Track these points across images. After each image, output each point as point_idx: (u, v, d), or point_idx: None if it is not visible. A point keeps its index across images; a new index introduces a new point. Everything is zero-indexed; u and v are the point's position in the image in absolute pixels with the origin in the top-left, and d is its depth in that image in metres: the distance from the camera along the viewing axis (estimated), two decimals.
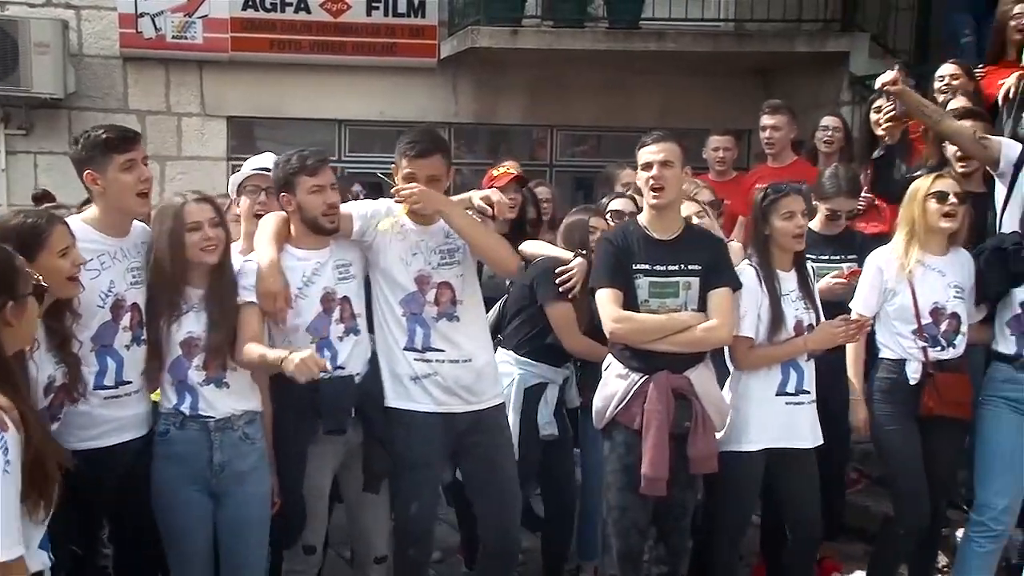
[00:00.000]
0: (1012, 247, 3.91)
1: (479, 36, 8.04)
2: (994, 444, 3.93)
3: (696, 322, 3.69)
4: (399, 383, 3.68)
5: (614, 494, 3.77)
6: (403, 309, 3.66)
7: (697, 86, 8.92)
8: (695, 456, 3.68)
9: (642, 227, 3.77)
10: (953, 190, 3.91)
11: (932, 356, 3.92)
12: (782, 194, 3.86)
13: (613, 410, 3.73)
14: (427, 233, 3.71)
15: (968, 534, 4.02)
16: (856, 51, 8.16)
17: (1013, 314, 3.92)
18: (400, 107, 8.97)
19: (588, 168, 8.99)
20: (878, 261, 4.01)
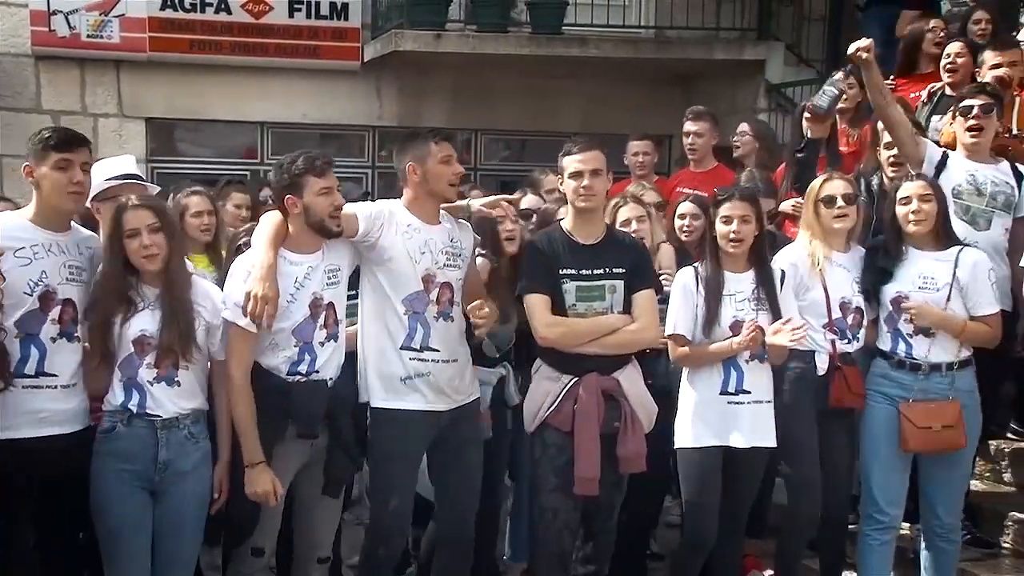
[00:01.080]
0: (880, 245, 4.11)
1: (402, 40, 8.05)
2: (876, 438, 4.07)
3: (623, 324, 3.77)
4: (389, 382, 3.69)
5: (546, 496, 3.81)
6: (406, 307, 3.67)
7: (619, 92, 9.06)
8: (625, 456, 3.75)
9: (566, 232, 3.83)
10: (840, 192, 4.06)
11: (840, 348, 4.06)
12: (725, 197, 3.96)
13: (544, 412, 3.77)
14: (434, 232, 3.76)
15: (861, 528, 4.17)
16: (772, 59, 8.41)
17: (887, 311, 4.08)
18: (323, 110, 8.93)
19: (513, 172, 9.06)
20: (791, 258, 4.12)
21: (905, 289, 4.02)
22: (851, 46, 4.44)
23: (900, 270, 4.04)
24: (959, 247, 4.05)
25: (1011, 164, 4.54)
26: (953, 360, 4.00)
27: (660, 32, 8.84)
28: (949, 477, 4.09)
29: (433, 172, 3.70)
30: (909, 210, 4.01)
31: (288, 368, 3.54)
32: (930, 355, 4.00)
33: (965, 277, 3.99)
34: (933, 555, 4.15)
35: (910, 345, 4.03)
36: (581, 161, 3.75)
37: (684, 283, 3.95)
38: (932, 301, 3.98)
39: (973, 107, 4.42)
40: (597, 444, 3.68)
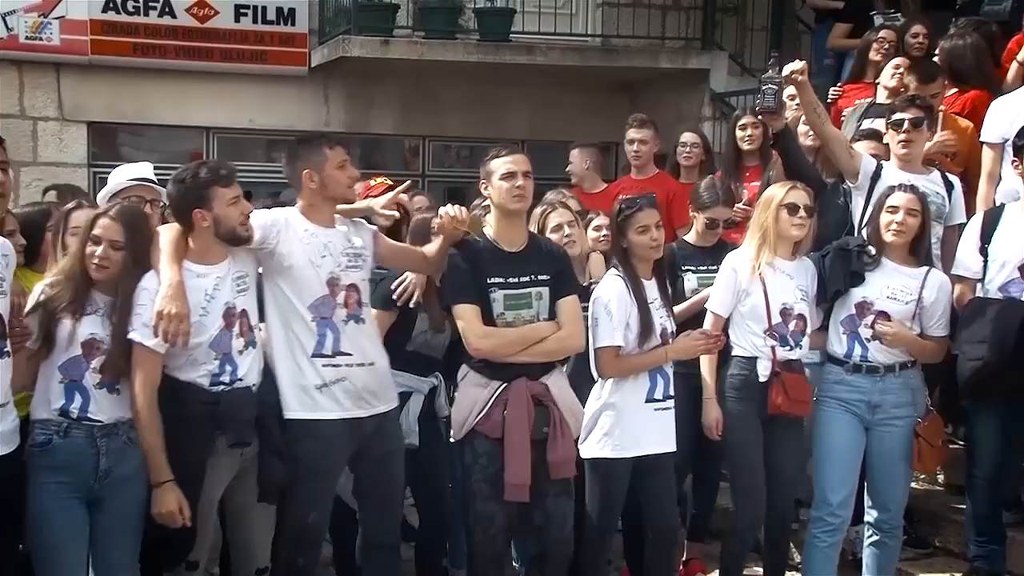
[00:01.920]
0: (855, 248, 4.18)
1: (350, 46, 8.03)
2: (828, 442, 4.17)
3: (552, 332, 3.78)
4: (304, 393, 3.64)
5: (480, 503, 3.78)
6: (313, 314, 3.62)
7: (566, 99, 9.13)
8: (555, 461, 3.74)
9: (491, 240, 3.83)
10: (804, 203, 4.14)
11: (780, 355, 4.12)
12: (636, 209, 3.97)
13: (473, 420, 3.75)
14: (332, 235, 3.72)
15: (810, 530, 4.26)
16: (716, 69, 8.53)
17: (848, 314, 4.16)
18: (270, 115, 8.86)
19: (461, 179, 9.09)
20: (733, 263, 4.19)
21: (872, 296, 4.11)
22: (785, 68, 4.56)
23: (871, 277, 4.13)
24: (928, 267, 4.16)
25: (942, 174, 4.67)
26: (903, 360, 4.13)
27: (606, 40, 8.92)
28: (900, 476, 4.20)
29: (331, 178, 3.67)
30: (893, 219, 4.09)
31: (210, 381, 3.49)
32: (885, 357, 4.11)
33: (930, 297, 4.10)
34: (877, 552, 4.25)
35: (866, 348, 4.12)
36: (513, 162, 3.75)
37: (619, 294, 3.93)
38: (900, 313, 4.09)
39: (904, 121, 4.54)
40: (527, 451, 3.68)
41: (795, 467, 4.28)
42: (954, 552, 4.67)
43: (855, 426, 4.15)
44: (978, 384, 4.08)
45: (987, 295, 4.17)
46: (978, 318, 4.07)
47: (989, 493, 4.26)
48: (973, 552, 4.35)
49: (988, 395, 4.11)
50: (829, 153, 4.66)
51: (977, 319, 4.08)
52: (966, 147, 5.08)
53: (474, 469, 3.79)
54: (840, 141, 4.67)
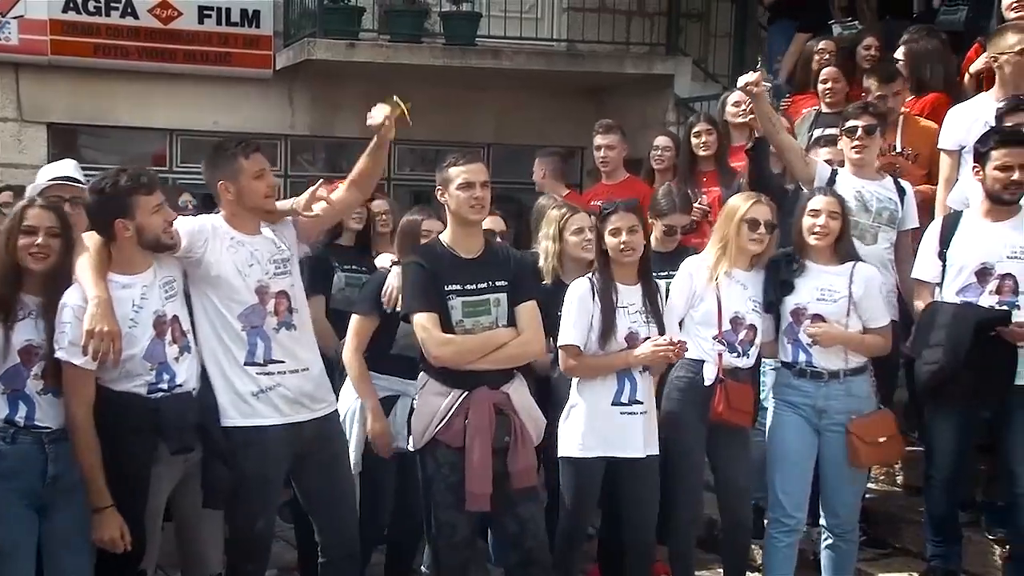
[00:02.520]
0: (782, 257, 4.24)
1: (315, 48, 8.01)
2: (780, 445, 4.21)
3: (511, 338, 3.78)
4: (241, 400, 3.59)
5: (442, 512, 3.77)
6: (243, 323, 3.57)
7: (532, 104, 9.16)
8: (516, 470, 3.74)
9: (447, 247, 3.81)
10: (764, 218, 4.17)
11: (727, 361, 4.16)
12: (611, 211, 4.03)
13: (434, 429, 3.73)
14: (258, 242, 3.65)
15: (767, 532, 4.30)
16: (680, 74, 8.62)
17: (787, 322, 4.22)
18: (234, 117, 8.80)
19: (426, 183, 9.06)
20: (690, 268, 4.24)
21: (804, 301, 4.16)
22: (740, 79, 4.62)
23: (800, 283, 4.18)
24: (853, 262, 4.21)
25: (894, 180, 4.74)
26: (847, 367, 4.16)
27: (572, 46, 8.97)
28: (849, 480, 4.23)
29: (247, 189, 3.58)
30: (815, 223, 4.14)
31: (147, 390, 3.43)
32: (828, 363, 4.15)
33: (860, 291, 4.15)
34: (832, 555, 4.28)
35: (809, 354, 4.17)
36: (471, 172, 3.74)
37: (580, 294, 4.00)
38: (832, 313, 4.13)
39: (857, 128, 4.60)
40: (489, 460, 3.67)
41: (747, 473, 4.31)
42: (912, 552, 4.73)
43: (806, 429, 4.20)
44: (935, 388, 4.14)
45: (945, 300, 4.23)
46: (934, 323, 4.14)
47: (946, 494, 4.32)
48: (930, 552, 4.41)
49: (945, 398, 4.17)
50: (785, 162, 4.74)
51: (933, 324, 4.14)
52: (928, 148, 5.14)
53: (436, 478, 3.77)
54: (795, 150, 4.74)
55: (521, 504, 3.79)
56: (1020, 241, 4.10)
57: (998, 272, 4.10)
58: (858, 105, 4.77)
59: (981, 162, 4.17)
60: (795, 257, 4.22)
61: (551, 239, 4.42)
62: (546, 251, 4.44)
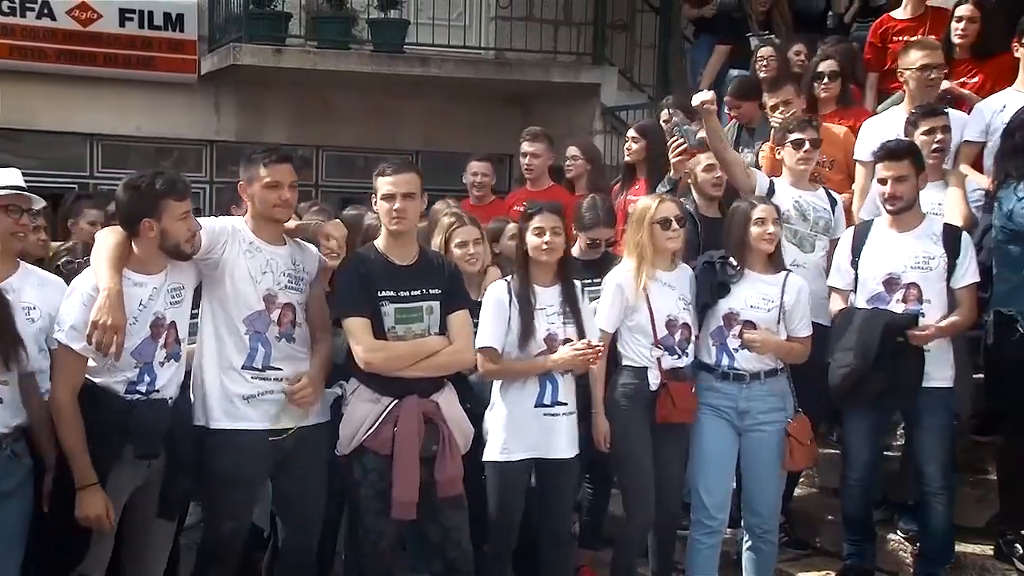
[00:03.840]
0: (719, 260, 4.34)
1: (241, 54, 7.93)
2: (702, 447, 4.31)
3: (443, 346, 3.81)
4: (230, 403, 3.62)
5: (370, 519, 3.77)
6: (247, 327, 3.63)
7: (460, 111, 9.20)
8: (443, 479, 3.75)
9: (382, 253, 3.83)
10: (674, 215, 4.27)
11: (668, 364, 4.24)
12: (535, 211, 4.08)
13: (362, 435, 3.73)
14: (277, 253, 3.72)
15: (691, 534, 4.38)
16: (606, 83, 8.75)
17: (716, 325, 4.31)
18: (158, 123, 8.68)
19: (355, 189, 9.04)
20: (617, 279, 4.28)
21: (737, 307, 4.25)
22: (695, 98, 4.76)
23: (736, 288, 4.27)
24: (786, 272, 4.33)
25: (826, 191, 4.88)
26: (769, 368, 4.27)
27: (500, 54, 9.03)
28: (770, 481, 4.34)
29: (258, 196, 3.68)
30: (764, 231, 4.23)
31: (126, 388, 3.45)
32: (750, 365, 4.26)
33: (790, 301, 4.26)
34: (754, 556, 4.38)
35: (733, 358, 4.27)
36: (393, 183, 3.76)
37: (497, 297, 4.03)
38: (764, 320, 4.24)
39: (804, 141, 4.72)
40: (416, 469, 3.69)
41: (680, 472, 4.40)
42: (830, 552, 4.85)
43: (727, 431, 4.29)
44: (847, 390, 4.28)
45: (857, 306, 4.38)
46: (846, 327, 4.28)
47: (861, 494, 4.47)
48: (846, 551, 4.55)
49: (856, 400, 4.31)
50: (729, 175, 4.83)
51: (845, 328, 4.28)
52: (842, 153, 5.28)
53: (363, 484, 3.78)
54: (739, 163, 4.85)
55: (446, 513, 3.81)
56: (923, 251, 4.27)
57: (904, 282, 4.26)
58: (802, 119, 4.88)
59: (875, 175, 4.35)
60: (730, 262, 4.31)
61: (439, 249, 4.42)
62: None
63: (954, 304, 4.30)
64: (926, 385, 4.23)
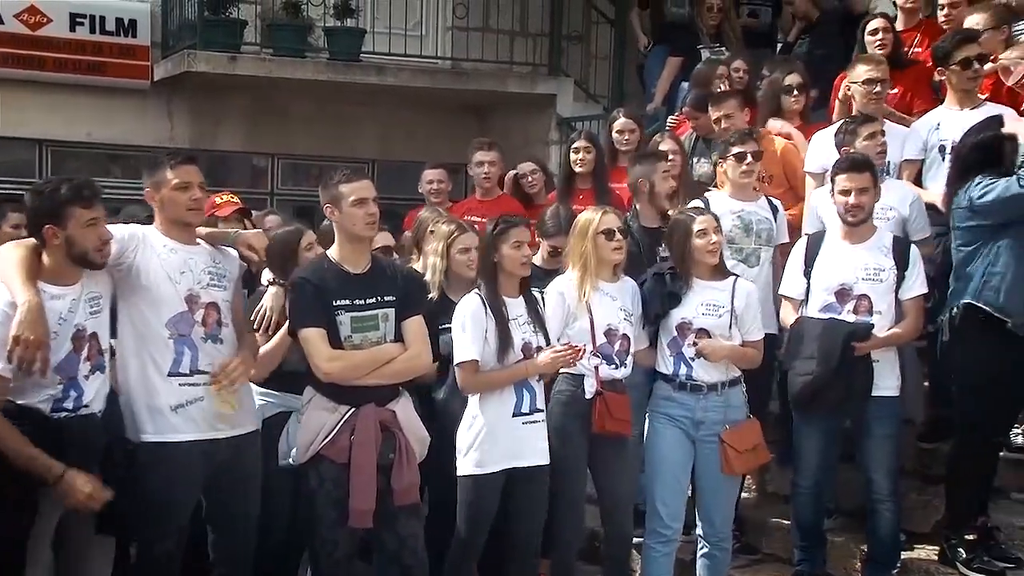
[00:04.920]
0: (668, 272, 4.40)
1: (195, 60, 7.87)
2: (658, 457, 4.36)
3: (399, 353, 3.81)
4: (158, 414, 3.55)
5: (325, 528, 3.76)
6: (171, 331, 3.56)
7: (416, 120, 9.20)
8: (399, 488, 3.75)
9: (335, 262, 3.82)
10: (617, 226, 4.33)
11: (605, 374, 4.28)
12: (512, 224, 4.12)
13: (319, 444, 3.72)
14: (194, 252, 3.67)
15: (645, 542, 4.42)
16: (562, 94, 8.81)
17: (671, 336, 4.36)
18: (109, 129, 8.56)
19: (310, 198, 8.99)
20: (560, 288, 4.32)
21: (690, 316, 4.31)
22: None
23: (685, 297, 4.33)
24: (734, 278, 4.40)
25: (767, 199, 4.96)
26: (726, 379, 4.33)
27: (456, 64, 9.05)
28: (724, 489, 4.40)
29: (168, 199, 3.61)
30: (708, 241, 4.29)
31: (52, 406, 3.35)
32: (708, 375, 4.31)
33: (740, 306, 4.33)
34: (708, 562, 4.43)
35: (691, 367, 4.32)
36: (364, 188, 3.77)
37: (472, 310, 4.04)
38: (716, 326, 4.29)
39: (747, 154, 4.79)
40: (373, 477, 3.68)
41: (627, 483, 4.43)
42: (781, 558, 4.93)
43: (682, 440, 4.34)
44: (808, 397, 4.36)
45: (810, 316, 4.45)
46: (805, 336, 4.36)
47: (812, 501, 4.55)
48: (797, 557, 4.63)
49: (816, 408, 4.39)
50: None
51: (804, 337, 4.36)
52: (779, 168, 5.38)
53: (319, 494, 3.76)
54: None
55: (402, 521, 3.81)
56: (874, 263, 4.36)
57: (855, 293, 4.35)
58: (744, 132, 4.96)
59: (833, 187, 4.43)
60: (677, 272, 4.36)
61: (439, 255, 4.47)
62: (433, 267, 4.48)
63: (902, 315, 4.39)
64: (874, 394, 4.32)
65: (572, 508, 4.32)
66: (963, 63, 4.90)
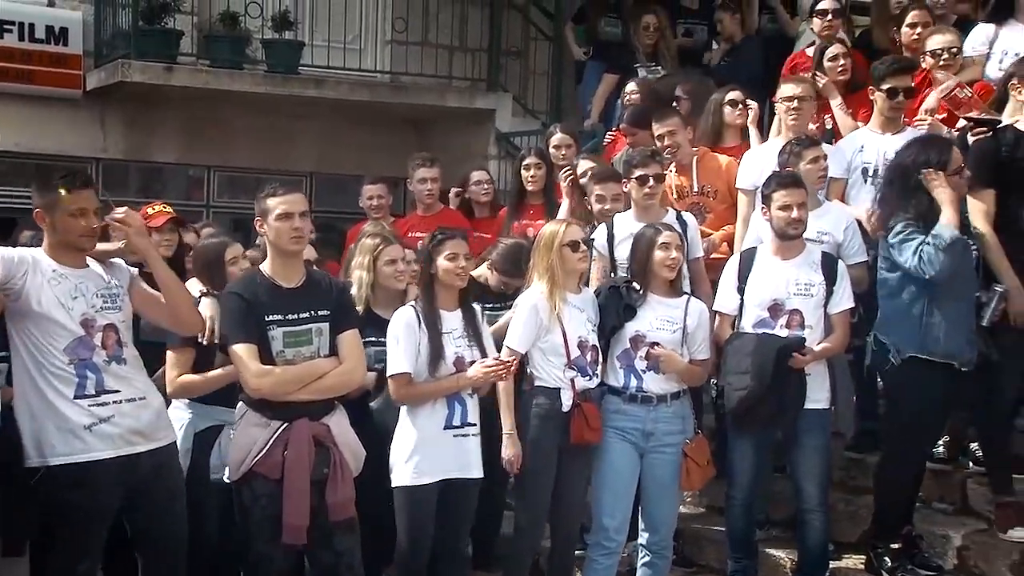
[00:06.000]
0: (624, 284, 4.45)
1: (130, 70, 7.74)
2: (605, 469, 4.41)
3: (332, 367, 3.79)
4: (71, 435, 3.48)
5: (260, 545, 3.73)
6: (70, 356, 3.49)
7: (355, 134, 9.16)
8: (334, 503, 3.74)
9: (267, 276, 3.80)
10: (581, 237, 4.40)
11: (581, 385, 4.32)
12: (448, 236, 4.15)
13: (251, 460, 3.70)
14: (85, 276, 3.59)
15: (588, 552, 4.47)
16: (501, 109, 8.86)
17: (623, 348, 4.43)
18: (39, 139, 8.35)
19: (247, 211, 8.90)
20: (532, 301, 4.34)
21: (644, 329, 4.37)
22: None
23: (641, 311, 4.40)
24: (687, 296, 4.48)
25: (677, 215, 4.95)
26: (675, 390, 4.41)
27: (395, 77, 9.05)
28: (669, 500, 4.49)
29: (62, 225, 3.53)
30: (668, 256, 4.36)
31: None
32: (657, 387, 4.38)
33: (693, 324, 4.41)
34: (649, 571, 4.50)
35: (642, 379, 4.38)
36: (289, 203, 3.75)
37: (406, 322, 4.05)
38: (670, 341, 4.37)
39: (648, 177, 4.80)
40: (307, 492, 3.66)
41: (582, 495, 4.48)
42: (715, 569, 5.01)
43: (630, 453, 4.40)
44: (743, 412, 4.44)
45: (744, 331, 4.54)
46: (740, 352, 4.45)
47: (744, 513, 4.63)
48: (731, 568, 4.71)
49: (750, 422, 4.47)
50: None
51: (739, 353, 4.45)
52: (723, 183, 5.46)
53: (253, 510, 3.73)
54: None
55: (337, 536, 3.79)
56: (805, 278, 4.47)
57: (787, 308, 4.45)
58: (647, 153, 4.99)
59: (767, 203, 4.53)
60: (634, 285, 4.42)
61: (365, 268, 4.45)
62: (359, 280, 4.46)
63: (830, 328, 4.50)
64: (806, 407, 4.42)
65: (535, 522, 4.36)
66: (889, 92, 5.05)
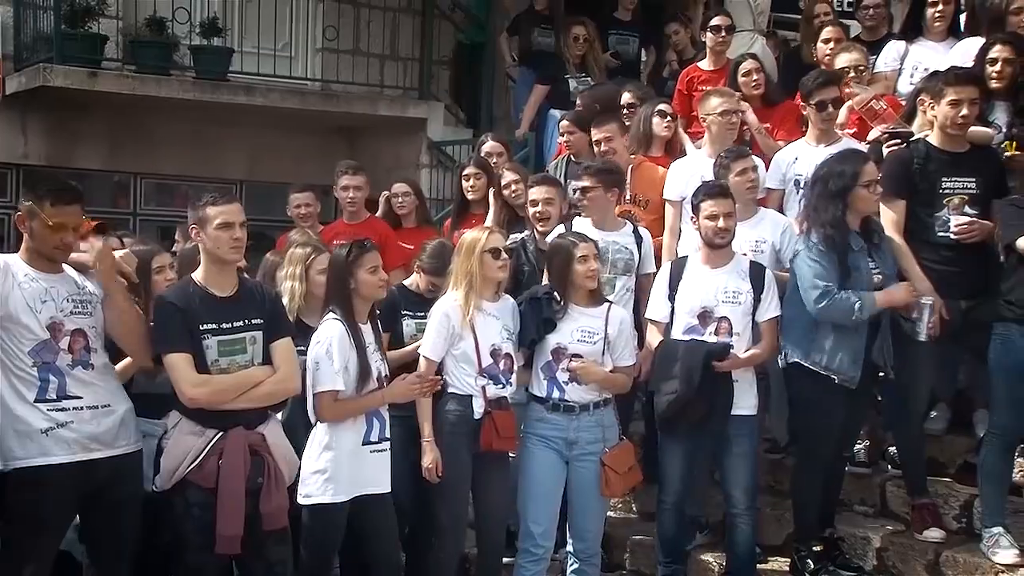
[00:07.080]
0: (544, 296, 4.50)
1: (52, 75, 7.57)
2: (531, 477, 4.44)
3: (267, 376, 3.78)
4: (28, 439, 3.47)
5: (193, 555, 3.70)
6: (34, 359, 3.51)
7: (286, 142, 9.10)
8: (268, 512, 3.73)
9: (201, 285, 3.78)
10: (502, 245, 4.43)
11: (492, 393, 4.35)
12: (365, 250, 4.13)
13: (185, 469, 3.68)
14: (56, 280, 3.60)
15: (517, 560, 4.49)
16: (432, 118, 8.88)
17: (545, 360, 4.47)
18: None
19: (175, 218, 8.77)
20: (444, 309, 4.37)
21: (564, 341, 4.41)
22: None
23: (561, 323, 4.43)
24: (608, 304, 4.52)
25: (634, 228, 5.10)
26: (599, 399, 4.45)
27: (326, 85, 9.01)
28: (596, 507, 4.52)
29: (39, 235, 3.59)
30: (588, 268, 4.41)
31: None
32: (579, 397, 4.42)
33: (614, 332, 4.46)
34: None
35: (563, 390, 4.42)
36: (229, 212, 3.74)
37: (338, 336, 4.02)
38: (590, 352, 4.41)
39: (827, 103, 5.03)
40: (242, 502, 3.65)
41: (504, 500, 4.50)
42: (645, 574, 5.08)
43: (555, 461, 4.44)
44: (672, 416, 4.51)
45: (674, 338, 4.62)
46: (669, 358, 4.53)
47: (674, 516, 4.71)
48: (661, 572, 4.78)
49: (680, 426, 4.55)
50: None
51: (668, 359, 4.53)
52: (656, 193, 5.52)
53: (186, 519, 3.70)
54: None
55: (270, 546, 3.77)
56: (733, 286, 4.56)
57: (716, 315, 4.54)
58: (586, 164, 5.07)
59: (696, 213, 4.63)
60: (555, 297, 4.45)
61: (297, 279, 4.44)
62: (291, 291, 4.44)
63: (759, 336, 4.61)
64: (734, 412, 4.50)
65: (455, 528, 4.37)
66: (818, 105, 5.20)
